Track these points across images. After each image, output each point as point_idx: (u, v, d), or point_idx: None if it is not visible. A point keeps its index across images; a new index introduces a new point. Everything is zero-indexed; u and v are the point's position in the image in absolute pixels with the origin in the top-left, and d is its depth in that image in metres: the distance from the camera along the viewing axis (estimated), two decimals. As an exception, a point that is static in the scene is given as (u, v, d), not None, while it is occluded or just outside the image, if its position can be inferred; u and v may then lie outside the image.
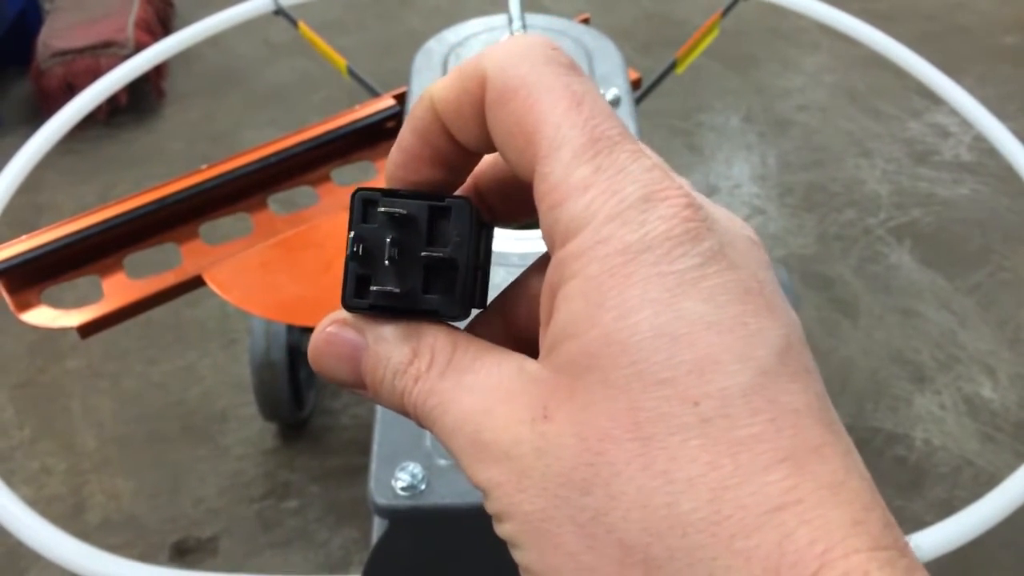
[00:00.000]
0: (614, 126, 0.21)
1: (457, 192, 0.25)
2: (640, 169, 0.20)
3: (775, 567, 0.17)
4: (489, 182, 0.25)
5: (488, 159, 0.25)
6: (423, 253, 0.22)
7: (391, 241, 0.22)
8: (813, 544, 0.17)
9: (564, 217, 0.20)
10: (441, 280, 0.23)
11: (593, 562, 0.18)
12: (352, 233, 0.23)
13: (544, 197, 0.20)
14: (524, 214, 0.26)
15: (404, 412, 0.23)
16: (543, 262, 0.25)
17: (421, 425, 0.22)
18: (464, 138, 0.23)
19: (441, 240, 0.23)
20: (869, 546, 0.17)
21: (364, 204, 0.23)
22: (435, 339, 0.22)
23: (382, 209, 0.22)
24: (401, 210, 0.22)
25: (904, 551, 0.18)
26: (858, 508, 0.18)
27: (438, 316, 0.23)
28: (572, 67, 0.21)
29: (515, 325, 0.26)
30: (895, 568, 0.17)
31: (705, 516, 0.17)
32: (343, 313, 0.23)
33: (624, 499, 0.18)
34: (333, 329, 0.23)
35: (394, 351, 0.22)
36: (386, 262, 0.22)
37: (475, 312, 0.25)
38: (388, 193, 0.23)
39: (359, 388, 0.23)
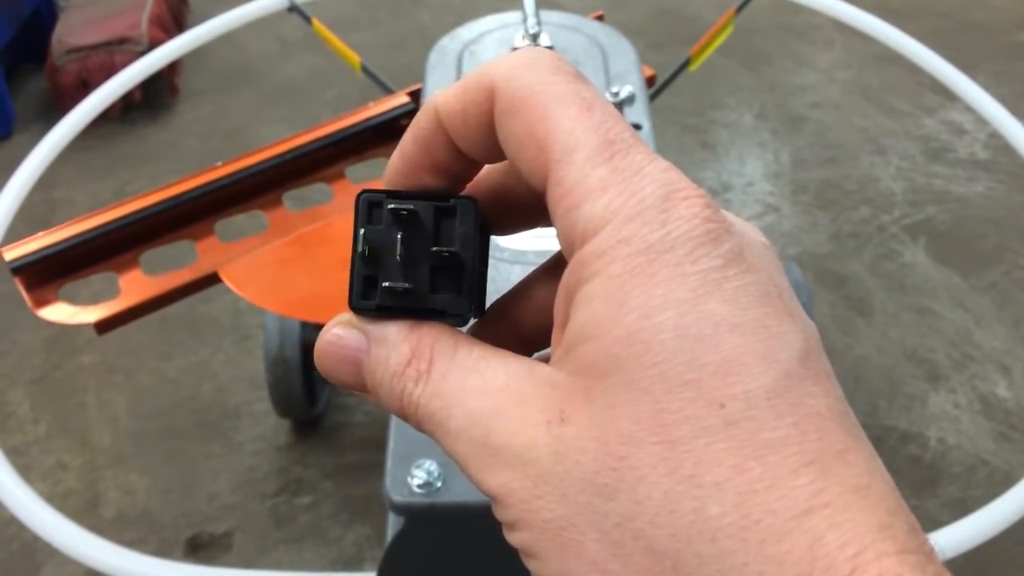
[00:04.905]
0: (625, 129, 0.21)
1: None
2: (657, 170, 0.20)
3: (808, 572, 0.17)
4: (486, 192, 0.25)
5: (486, 169, 0.25)
6: (432, 249, 0.22)
7: (401, 238, 0.22)
8: (844, 547, 0.17)
9: (582, 218, 0.20)
10: (448, 279, 0.23)
11: (620, 570, 0.18)
12: (358, 233, 0.23)
13: (560, 200, 0.20)
14: (520, 225, 0.26)
15: (404, 415, 0.22)
16: (549, 267, 0.25)
17: (420, 429, 0.22)
18: (469, 148, 0.23)
19: (446, 240, 0.23)
20: (897, 549, 0.17)
21: (369, 206, 0.23)
22: (435, 340, 0.22)
23: (390, 206, 0.22)
24: (410, 206, 0.22)
25: (931, 557, 0.18)
26: (884, 512, 0.18)
27: (445, 316, 0.23)
28: (578, 76, 0.22)
29: (516, 333, 0.25)
30: (925, 573, 0.17)
31: (734, 521, 0.17)
32: (348, 315, 0.23)
33: (650, 504, 0.18)
34: (338, 331, 0.23)
35: (392, 352, 0.22)
36: (397, 258, 0.22)
37: (472, 321, 0.24)
38: (392, 195, 0.23)
39: (362, 391, 0.23)
